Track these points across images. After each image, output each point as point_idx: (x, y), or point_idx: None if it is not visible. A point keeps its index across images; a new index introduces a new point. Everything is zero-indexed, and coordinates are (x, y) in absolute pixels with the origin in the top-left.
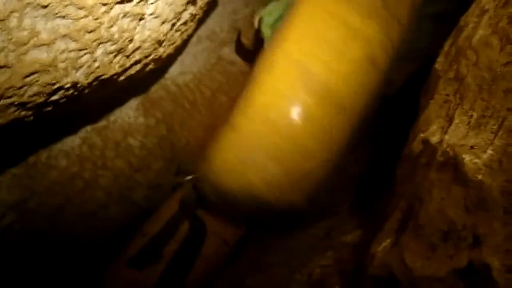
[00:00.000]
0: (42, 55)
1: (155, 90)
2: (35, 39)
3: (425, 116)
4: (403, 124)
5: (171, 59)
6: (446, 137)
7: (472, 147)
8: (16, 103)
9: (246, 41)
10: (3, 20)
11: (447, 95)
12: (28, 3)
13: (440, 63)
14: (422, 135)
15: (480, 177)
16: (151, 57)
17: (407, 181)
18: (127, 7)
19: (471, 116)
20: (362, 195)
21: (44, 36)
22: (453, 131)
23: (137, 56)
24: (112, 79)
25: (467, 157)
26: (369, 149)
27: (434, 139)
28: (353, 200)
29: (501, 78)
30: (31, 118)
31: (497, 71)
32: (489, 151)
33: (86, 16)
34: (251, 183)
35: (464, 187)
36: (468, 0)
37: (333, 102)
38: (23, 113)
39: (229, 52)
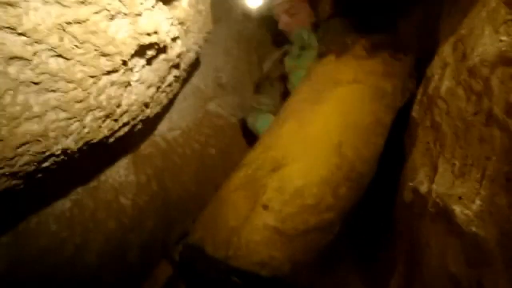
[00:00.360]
0: (33, 127)
1: (145, 147)
2: (27, 112)
3: (410, 163)
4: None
5: (158, 117)
6: (434, 186)
7: (460, 198)
8: (7, 173)
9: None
10: None
11: (428, 143)
12: (22, 82)
13: (416, 111)
14: (411, 184)
15: (474, 229)
16: (138, 118)
17: (405, 229)
18: (114, 77)
19: (454, 164)
20: (363, 245)
21: (36, 109)
22: (439, 180)
23: (125, 119)
24: (102, 142)
25: (457, 208)
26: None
27: (423, 189)
28: (356, 252)
29: (472, 127)
30: (22, 186)
31: (468, 120)
32: (478, 201)
33: (75, 88)
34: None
35: (460, 239)
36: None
37: (358, 182)
38: (14, 182)
39: (214, 106)
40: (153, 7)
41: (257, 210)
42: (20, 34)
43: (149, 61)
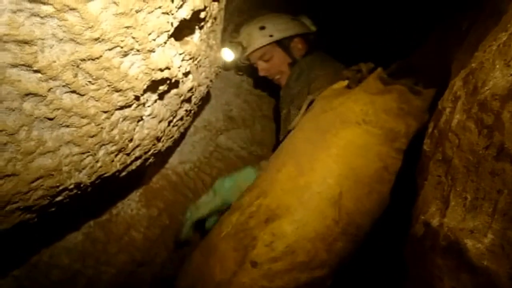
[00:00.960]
0: (47, 161)
1: (156, 180)
2: (41, 147)
3: (422, 197)
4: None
5: (170, 151)
6: (445, 220)
7: (472, 231)
8: (21, 207)
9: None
10: (13, 134)
11: (439, 176)
12: (36, 117)
13: (427, 144)
14: (422, 217)
15: (485, 262)
16: (150, 152)
17: (416, 264)
18: (126, 111)
19: (466, 198)
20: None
21: (49, 144)
22: (451, 213)
23: (137, 153)
24: (114, 175)
25: (469, 242)
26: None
27: (435, 222)
28: None
29: (484, 160)
30: (35, 220)
31: (479, 154)
32: (490, 236)
33: (88, 123)
34: None
35: (472, 274)
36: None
37: (357, 235)
38: (27, 216)
39: (225, 139)
40: (165, 42)
41: (245, 267)
42: (35, 71)
43: (161, 96)
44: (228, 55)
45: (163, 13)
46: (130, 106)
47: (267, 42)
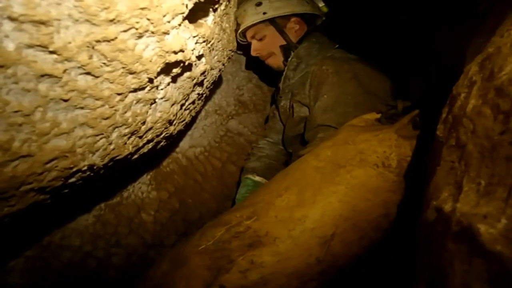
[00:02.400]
0: (61, 143)
1: (167, 164)
2: (56, 129)
3: (434, 182)
4: None
5: (181, 134)
6: (458, 205)
7: (485, 216)
8: (35, 188)
9: None
10: (28, 115)
11: (452, 162)
12: (52, 99)
13: (440, 130)
14: (434, 202)
15: (498, 247)
16: (162, 135)
17: (428, 251)
18: (140, 94)
19: (479, 183)
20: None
21: (64, 126)
22: (464, 199)
23: (149, 136)
24: (126, 158)
25: (482, 227)
26: None
27: (447, 207)
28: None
29: (499, 146)
30: (48, 201)
31: (494, 139)
32: (503, 221)
33: (102, 106)
34: None
35: (484, 258)
36: None
37: (334, 276)
38: (41, 197)
39: (236, 124)
40: (179, 25)
41: None
42: (51, 52)
43: (174, 79)
44: None
45: None
46: (143, 88)
47: (258, 20)
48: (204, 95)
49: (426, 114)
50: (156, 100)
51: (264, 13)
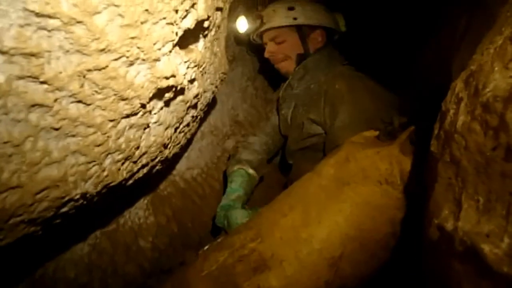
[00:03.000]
0: (53, 172)
1: (164, 187)
2: (47, 158)
3: (434, 199)
4: None
5: (177, 157)
6: (460, 224)
7: (487, 235)
8: (26, 220)
9: None
10: (18, 145)
11: (449, 178)
12: (42, 128)
13: (434, 146)
14: (436, 221)
15: (505, 269)
16: (157, 159)
17: (435, 270)
18: (133, 119)
19: (478, 200)
20: None
21: (55, 154)
22: (465, 217)
23: (144, 160)
24: (121, 184)
25: (486, 247)
26: None
27: (448, 226)
28: None
29: (493, 162)
30: (40, 232)
31: (487, 155)
32: (506, 240)
33: (95, 132)
34: None
35: (492, 281)
36: None
37: None
38: (32, 229)
39: (233, 144)
40: (170, 51)
41: None
42: (42, 82)
43: (167, 103)
44: (242, 25)
45: (167, 23)
46: (136, 114)
47: (288, 24)
48: (199, 117)
49: (420, 129)
50: (150, 125)
51: (295, 19)
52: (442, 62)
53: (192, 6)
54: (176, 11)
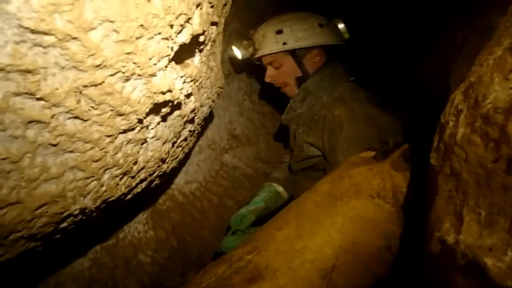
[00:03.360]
0: (51, 188)
1: (163, 201)
2: (45, 174)
3: (434, 212)
4: None
5: (175, 171)
6: (461, 237)
7: (490, 249)
8: (25, 236)
9: None
10: (16, 161)
11: (450, 191)
12: (40, 144)
13: (434, 158)
14: (437, 234)
15: (509, 283)
16: (155, 174)
17: (436, 285)
18: (130, 135)
19: (480, 214)
20: None
21: (53, 170)
22: (466, 230)
23: (142, 175)
24: (119, 199)
25: (489, 261)
26: None
27: (450, 239)
28: None
29: (494, 174)
30: (40, 248)
31: (488, 167)
32: (509, 253)
33: (92, 148)
34: None
35: None
36: None
37: None
38: (32, 244)
39: (230, 158)
40: (166, 67)
41: None
42: (38, 98)
43: (164, 118)
44: (237, 53)
45: (163, 38)
46: (133, 129)
47: (278, 50)
48: (196, 131)
49: (416, 146)
50: (147, 140)
51: (284, 44)
52: (440, 72)
53: (187, 21)
54: (171, 26)
